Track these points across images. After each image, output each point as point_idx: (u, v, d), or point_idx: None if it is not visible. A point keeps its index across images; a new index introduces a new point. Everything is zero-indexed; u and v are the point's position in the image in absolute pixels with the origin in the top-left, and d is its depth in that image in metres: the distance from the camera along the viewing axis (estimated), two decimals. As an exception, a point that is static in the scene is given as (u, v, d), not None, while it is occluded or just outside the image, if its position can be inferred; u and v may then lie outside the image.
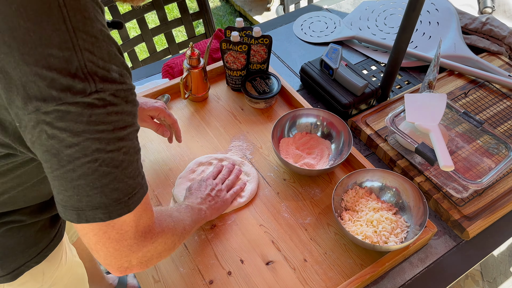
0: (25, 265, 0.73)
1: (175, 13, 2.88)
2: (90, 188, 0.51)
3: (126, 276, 1.49)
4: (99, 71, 0.47)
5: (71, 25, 0.45)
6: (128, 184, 0.53)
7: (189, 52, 1.07)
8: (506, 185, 0.98)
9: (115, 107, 0.49)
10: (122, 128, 0.51)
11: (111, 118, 0.49)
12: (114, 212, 0.53)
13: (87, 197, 0.51)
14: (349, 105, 1.10)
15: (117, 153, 0.51)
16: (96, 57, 0.47)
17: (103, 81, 0.47)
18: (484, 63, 1.25)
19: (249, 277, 0.83)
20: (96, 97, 0.47)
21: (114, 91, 0.49)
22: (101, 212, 0.52)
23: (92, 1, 0.48)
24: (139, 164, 0.56)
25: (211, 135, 1.09)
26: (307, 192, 0.97)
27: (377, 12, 1.46)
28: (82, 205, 0.52)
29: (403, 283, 0.85)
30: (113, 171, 0.51)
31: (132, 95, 0.52)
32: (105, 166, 0.50)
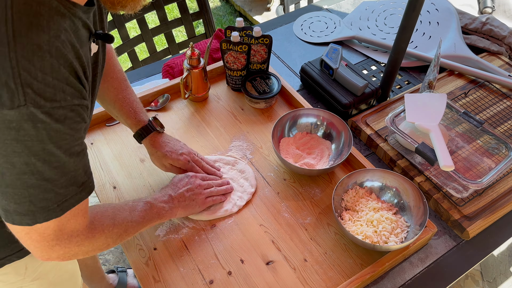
0: (5, 258, 0.73)
1: (175, 13, 2.88)
2: (18, 197, 0.51)
3: (126, 276, 1.49)
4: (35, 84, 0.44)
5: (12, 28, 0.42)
6: (59, 193, 0.53)
7: (189, 52, 1.07)
8: (506, 185, 0.98)
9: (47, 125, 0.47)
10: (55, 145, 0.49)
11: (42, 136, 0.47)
12: (40, 218, 0.54)
13: (15, 204, 0.51)
14: (349, 105, 1.10)
15: (47, 167, 0.50)
16: (34, 67, 0.43)
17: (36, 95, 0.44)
18: (484, 63, 1.25)
19: (249, 277, 0.83)
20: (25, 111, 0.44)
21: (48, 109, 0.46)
22: (28, 219, 0.53)
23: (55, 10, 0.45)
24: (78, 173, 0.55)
25: (211, 135, 1.09)
26: (307, 192, 0.97)
27: (377, 12, 1.46)
28: (9, 209, 0.52)
29: (403, 283, 0.85)
30: (42, 184, 0.51)
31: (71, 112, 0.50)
32: (34, 179, 0.50)
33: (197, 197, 0.88)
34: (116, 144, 1.06)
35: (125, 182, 0.98)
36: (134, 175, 0.99)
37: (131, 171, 1.00)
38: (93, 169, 1.00)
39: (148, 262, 0.85)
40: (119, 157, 1.03)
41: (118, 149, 1.05)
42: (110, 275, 1.47)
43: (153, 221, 0.79)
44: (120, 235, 0.71)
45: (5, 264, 0.74)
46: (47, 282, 0.85)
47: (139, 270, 0.84)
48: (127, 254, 0.86)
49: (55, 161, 0.51)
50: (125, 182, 0.98)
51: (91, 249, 0.65)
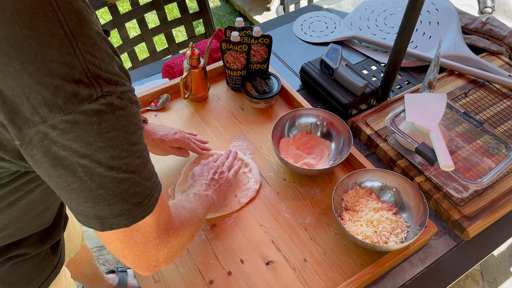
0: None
1: (175, 13, 2.88)
2: (111, 197, 0.50)
3: (126, 276, 1.49)
4: (103, 74, 0.45)
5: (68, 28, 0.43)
6: (146, 186, 0.53)
7: (189, 52, 1.07)
8: (506, 185, 0.98)
9: (123, 111, 0.48)
10: (132, 132, 0.50)
11: (121, 123, 0.48)
12: (137, 216, 0.53)
13: (109, 206, 0.50)
14: (349, 105, 1.10)
15: (131, 158, 0.50)
16: (97, 59, 0.45)
17: (108, 84, 0.46)
18: (484, 63, 1.25)
19: (249, 277, 0.83)
20: (103, 102, 0.45)
21: (119, 94, 0.47)
22: (125, 218, 0.52)
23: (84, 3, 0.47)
24: (151, 163, 0.56)
25: (211, 135, 1.09)
26: (307, 192, 0.97)
27: (377, 12, 1.46)
28: (105, 214, 0.51)
29: (403, 283, 0.85)
30: (130, 177, 0.50)
31: (134, 96, 0.51)
32: (122, 172, 0.49)
33: (223, 176, 0.91)
34: (116, 144, 1.06)
35: (125, 182, 0.98)
36: (134, 175, 0.99)
37: (131, 171, 1.00)
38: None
39: (148, 262, 0.85)
40: (119, 157, 1.03)
41: (118, 149, 1.05)
42: (110, 275, 1.47)
43: (209, 207, 0.82)
44: (197, 222, 0.70)
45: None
46: None
47: (139, 270, 0.84)
48: (127, 254, 0.86)
49: (136, 150, 0.51)
50: (125, 182, 0.98)
51: (184, 240, 0.64)
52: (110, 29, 1.45)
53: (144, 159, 0.53)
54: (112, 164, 0.48)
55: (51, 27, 0.42)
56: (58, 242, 0.77)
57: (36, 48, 0.42)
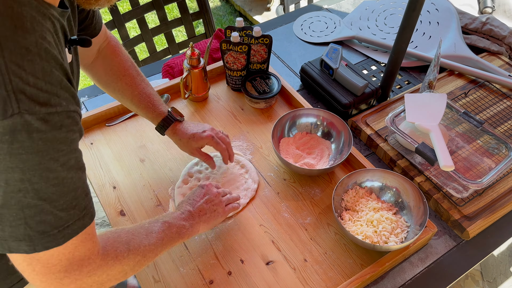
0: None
1: (175, 13, 2.88)
2: (14, 219, 0.46)
3: (126, 276, 1.49)
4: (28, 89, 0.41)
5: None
6: (59, 216, 0.48)
7: (189, 52, 1.07)
8: (506, 185, 0.98)
9: (43, 134, 0.43)
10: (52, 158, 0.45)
11: (38, 147, 0.43)
12: (39, 245, 0.48)
13: (10, 228, 0.46)
14: (349, 105, 1.10)
15: (44, 184, 0.46)
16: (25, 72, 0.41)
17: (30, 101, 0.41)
18: (484, 63, 1.25)
19: (249, 277, 0.83)
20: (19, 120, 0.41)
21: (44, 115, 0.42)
22: (25, 245, 0.48)
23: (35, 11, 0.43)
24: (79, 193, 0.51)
25: (211, 135, 1.08)
26: (307, 192, 0.97)
27: (377, 12, 1.46)
28: (5, 235, 0.47)
29: (403, 283, 0.85)
30: (39, 203, 0.46)
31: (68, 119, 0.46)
32: (30, 198, 0.45)
33: (218, 207, 0.82)
34: (116, 144, 1.06)
35: (125, 182, 0.98)
36: (134, 175, 0.99)
37: (131, 171, 1.00)
38: (93, 169, 1.00)
39: (148, 262, 0.85)
40: (119, 157, 1.03)
41: (118, 149, 1.05)
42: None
43: (174, 241, 0.73)
44: (138, 262, 0.64)
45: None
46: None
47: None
48: (127, 254, 0.86)
49: (52, 177, 0.46)
50: (125, 182, 0.98)
51: (106, 279, 0.58)
52: (110, 29, 1.45)
53: (64, 187, 0.48)
54: (20, 186, 0.44)
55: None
56: None
57: None
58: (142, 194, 0.96)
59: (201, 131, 0.92)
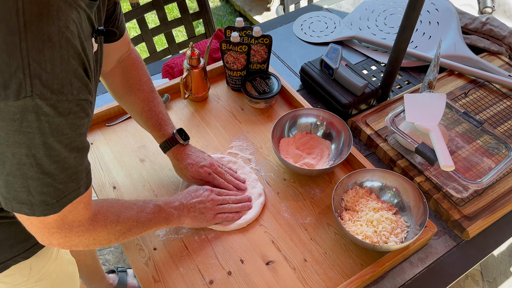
0: (12, 259, 0.73)
1: (175, 13, 2.88)
2: (18, 186, 0.51)
3: (126, 276, 1.49)
4: (44, 75, 0.43)
5: (23, 17, 0.41)
6: (58, 188, 0.53)
7: (189, 52, 1.07)
8: (506, 185, 0.98)
9: (51, 118, 0.47)
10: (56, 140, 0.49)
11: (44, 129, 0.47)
12: (38, 211, 0.54)
13: (15, 192, 0.52)
14: (349, 105, 1.10)
15: (47, 160, 0.50)
16: (44, 58, 0.43)
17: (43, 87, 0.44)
18: (484, 63, 1.25)
19: (249, 277, 0.83)
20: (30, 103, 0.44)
21: (54, 102, 0.46)
22: (26, 208, 0.53)
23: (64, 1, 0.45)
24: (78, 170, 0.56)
25: (211, 135, 1.09)
26: (307, 192, 0.97)
27: (377, 12, 1.46)
28: (9, 197, 0.52)
29: (403, 283, 0.85)
30: (41, 177, 0.51)
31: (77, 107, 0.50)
32: (34, 171, 0.50)
33: (207, 212, 0.86)
34: (116, 144, 1.06)
35: (125, 182, 0.98)
36: (134, 175, 0.99)
37: (131, 171, 1.00)
38: (93, 169, 1.00)
39: (148, 262, 0.85)
40: (119, 157, 1.03)
41: (118, 149, 1.05)
42: (110, 275, 1.47)
43: (160, 225, 0.79)
44: (123, 233, 0.70)
45: (11, 265, 0.73)
46: (50, 284, 0.84)
47: (139, 270, 0.84)
48: (127, 254, 0.86)
49: (55, 155, 0.51)
50: (125, 182, 0.98)
51: (91, 242, 0.65)
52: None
53: (65, 164, 0.53)
54: (25, 161, 0.49)
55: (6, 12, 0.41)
56: None
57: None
58: (142, 194, 0.96)
59: (200, 164, 0.92)
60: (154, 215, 0.77)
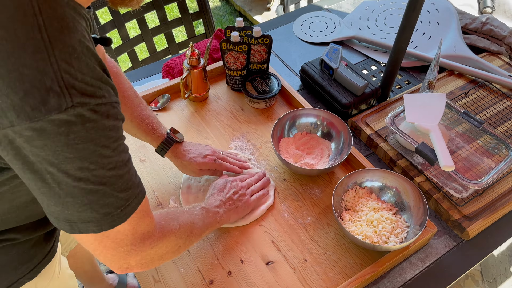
0: (18, 282, 0.71)
1: (175, 13, 2.87)
2: (79, 205, 0.50)
3: (126, 276, 1.49)
4: (77, 84, 0.44)
5: (46, 34, 0.42)
6: (119, 197, 0.53)
7: (189, 52, 1.07)
8: (506, 185, 0.98)
9: (95, 123, 0.47)
10: (104, 145, 0.49)
11: (91, 135, 0.47)
12: (105, 225, 0.53)
13: (77, 213, 0.50)
14: (349, 105, 1.10)
15: (101, 170, 0.49)
16: (73, 68, 0.44)
17: (81, 95, 0.44)
18: (484, 63, 1.25)
19: (249, 277, 0.83)
20: (72, 113, 0.44)
21: (93, 106, 0.46)
22: (93, 225, 0.52)
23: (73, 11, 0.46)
24: (131, 174, 0.55)
25: (211, 135, 1.09)
26: (307, 192, 0.97)
27: (377, 12, 1.46)
28: (73, 219, 0.51)
29: (403, 283, 0.85)
30: (100, 188, 0.50)
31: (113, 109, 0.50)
32: (91, 184, 0.49)
33: (243, 198, 0.89)
34: (116, 144, 1.06)
35: (125, 182, 0.98)
36: (134, 175, 0.99)
37: (131, 171, 1.00)
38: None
39: (148, 262, 0.85)
40: (119, 157, 1.03)
41: (118, 149, 1.05)
42: (110, 275, 1.47)
43: (213, 225, 0.80)
44: (188, 236, 0.70)
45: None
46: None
47: (139, 270, 0.84)
48: (127, 254, 0.86)
49: (108, 163, 0.50)
50: (125, 182, 0.98)
51: (165, 251, 0.64)
52: (110, 29, 1.45)
53: (120, 170, 0.52)
54: (80, 175, 0.48)
55: (29, 31, 0.41)
56: (53, 231, 0.76)
57: (10, 50, 0.41)
58: (142, 194, 0.96)
59: (203, 155, 0.93)
60: (204, 217, 0.77)
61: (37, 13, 0.42)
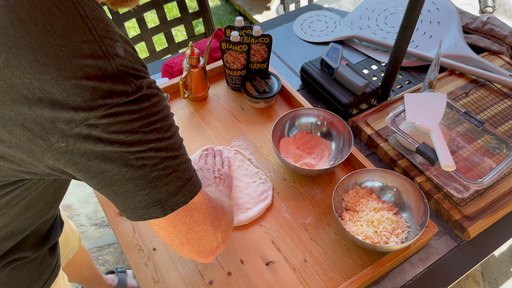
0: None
1: (174, 12, 2.87)
2: (165, 176, 0.52)
3: (126, 276, 1.49)
4: (131, 72, 0.48)
5: (97, 34, 0.46)
6: (190, 161, 0.57)
7: (189, 52, 1.06)
8: (507, 185, 0.97)
9: (156, 98, 0.51)
10: (167, 115, 0.53)
11: (157, 108, 0.51)
12: (191, 191, 0.56)
13: (165, 186, 0.53)
14: (350, 104, 1.10)
15: (174, 137, 0.53)
16: (124, 60, 0.48)
17: (137, 79, 0.49)
18: (485, 62, 1.25)
19: (249, 277, 0.83)
20: (139, 94, 0.48)
21: (148, 84, 0.50)
22: (182, 195, 0.55)
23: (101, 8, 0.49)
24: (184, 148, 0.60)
25: (211, 135, 1.08)
26: (307, 192, 0.97)
27: (377, 12, 1.46)
28: (163, 197, 0.53)
29: (403, 283, 0.85)
30: (178, 154, 0.54)
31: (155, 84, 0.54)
32: (170, 151, 0.52)
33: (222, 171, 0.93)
34: (115, 144, 1.05)
35: (124, 182, 0.98)
36: (133, 175, 0.99)
37: (130, 171, 1.00)
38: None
39: (148, 263, 0.84)
40: (119, 157, 1.03)
41: (118, 149, 1.04)
42: (109, 276, 1.47)
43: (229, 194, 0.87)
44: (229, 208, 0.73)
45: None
46: None
47: (139, 270, 0.84)
48: (127, 254, 0.86)
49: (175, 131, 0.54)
50: (124, 182, 0.98)
51: (230, 219, 0.68)
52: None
53: (180, 138, 0.56)
54: (160, 145, 0.51)
55: (82, 35, 0.45)
56: (55, 244, 0.77)
57: (70, 55, 0.44)
58: (142, 194, 0.96)
59: None
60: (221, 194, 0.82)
61: (84, 17, 0.46)
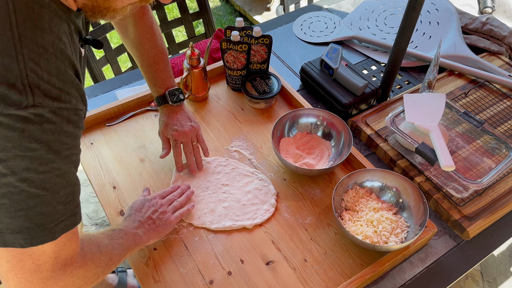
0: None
1: (175, 13, 2.87)
2: (14, 209, 0.47)
3: (126, 276, 1.49)
4: (42, 85, 0.44)
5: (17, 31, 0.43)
6: (57, 209, 0.51)
7: (189, 52, 1.07)
8: (506, 185, 0.98)
9: (53, 126, 0.46)
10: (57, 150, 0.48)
11: (47, 137, 0.46)
12: (36, 238, 0.50)
13: (10, 219, 0.48)
14: (349, 105, 1.10)
15: (49, 174, 0.48)
16: (41, 69, 0.44)
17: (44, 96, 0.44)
18: (484, 63, 1.25)
19: (249, 277, 0.83)
20: (32, 111, 0.44)
21: (55, 109, 0.46)
22: (22, 238, 0.49)
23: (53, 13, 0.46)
24: (76, 190, 0.53)
25: (211, 135, 1.08)
26: (307, 192, 0.97)
27: (377, 12, 1.46)
28: (2, 227, 0.48)
29: (403, 283, 0.85)
30: (42, 194, 0.48)
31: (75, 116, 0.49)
32: (34, 187, 0.47)
33: (163, 216, 0.85)
34: (116, 144, 1.06)
35: (125, 182, 0.98)
36: (134, 175, 0.99)
37: (131, 171, 1.00)
38: (93, 169, 1.00)
39: (148, 262, 0.85)
40: (119, 157, 1.03)
41: (118, 149, 1.05)
42: (109, 275, 1.47)
43: (132, 248, 0.76)
44: (107, 264, 0.66)
45: None
46: None
47: (139, 270, 0.84)
48: (127, 254, 0.86)
49: (56, 168, 0.49)
50: (125, 182, 0.98)
51: (83, 282, 0.61)
52: (109, 29, 1.45)
53: (65, 180, 0.50)
54: (26, 176, 0.46)
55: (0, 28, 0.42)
56: None
57: None
58: (142, 194, 0.96)
59: (173, 127, 0.95)
60: (123, 240, 0.74)
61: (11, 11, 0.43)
